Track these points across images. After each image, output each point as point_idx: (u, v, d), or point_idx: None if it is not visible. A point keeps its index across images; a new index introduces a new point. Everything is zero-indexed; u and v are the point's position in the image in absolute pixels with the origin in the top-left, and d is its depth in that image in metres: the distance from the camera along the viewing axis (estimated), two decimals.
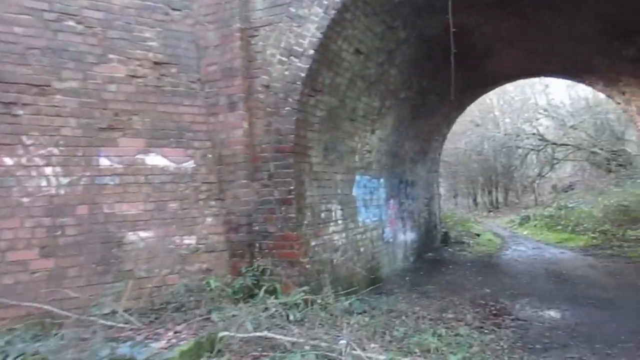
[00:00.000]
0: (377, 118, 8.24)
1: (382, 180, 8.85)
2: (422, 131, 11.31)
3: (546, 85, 23.94)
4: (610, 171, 22.57)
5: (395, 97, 8.64)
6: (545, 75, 12.92)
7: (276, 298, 5.47)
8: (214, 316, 5.09)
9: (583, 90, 23.66)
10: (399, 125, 9.56)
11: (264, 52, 5.77)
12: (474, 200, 29.47)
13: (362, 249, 7.70)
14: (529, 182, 26.15)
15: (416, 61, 8.45)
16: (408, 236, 10.47)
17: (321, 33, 5.51)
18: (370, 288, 7.86)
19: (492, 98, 27.43)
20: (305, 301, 5.41)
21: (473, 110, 28.60)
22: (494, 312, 6.27)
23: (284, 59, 5.68)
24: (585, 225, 13.83)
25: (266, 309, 5.21)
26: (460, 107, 13.13)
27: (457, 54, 9.78)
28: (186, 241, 5.56)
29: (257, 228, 5.75)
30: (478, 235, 15.07)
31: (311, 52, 5.56)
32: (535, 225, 16.55)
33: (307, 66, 5.59)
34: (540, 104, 23.92)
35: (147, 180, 5.41)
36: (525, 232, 16.27)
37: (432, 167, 13.17)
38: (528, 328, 5.64)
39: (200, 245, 5.64)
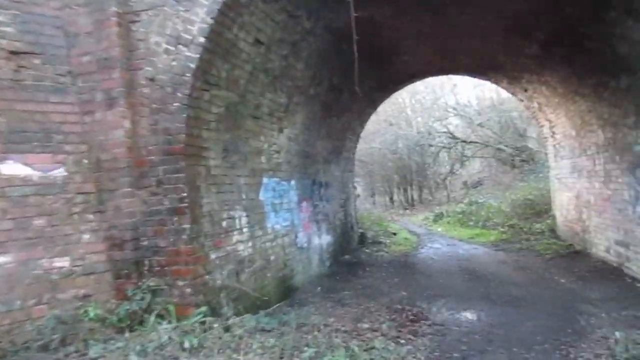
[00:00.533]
0: (285, 116, 7.71)
1: (293, 182, 8.33)
2: (334, 130, 10.95)
3: (454, 85, 24.75)
4: (514, 167, 23.74)
5: (304, 93, 8.15)
6: (455, 73, 13.09)
7: (170, 323, 4.76)
8: (93, 352, 4.30)
9: (489, 90, 24.70)
10: (310, 123, 9.09)
11: (147, 40, 5.02)
12: (391, 198, 29.92)
13: (272, 258, 7.12)
14: (441, 179, 26.92)
15: (325, 55, 8.01)
16: (324, 239, 10.04)
17: (212, 18, 4.86)
18: (284, 299, 7.34)
19: (405, 98, 27.99)
20: (204, 324, 4.75)
21: (387, 109, 29.03)
22: (411, 317, 5.95)
23: (170, 47, 4.97)
24: (495, 220, 14.20)
25: (157, 336, 4.50)
26: (373, 105, 12.96)
27: (367, 49, 9.52)
28: (57, 264, 4.68)
29: (145, 243, 4.99)
30: (395, 234, 15.02)
31: (201, 39, 4.90)
32: (448, 222, 16.87)
33: (198, 56, 4.91)
34: (449, 103, 24.69)
35: (3, 193, 4.48)
36: (439, 229, 16.52)
37: (347, 167, 12.88)
38: (445, 334, 5.35)
39: (75, 268, 4.78)
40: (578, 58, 7.70)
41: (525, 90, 11.48)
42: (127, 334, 4.58)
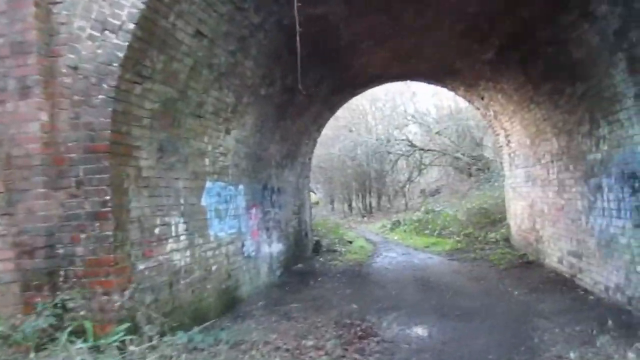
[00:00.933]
0: (233, 116, 7.25)
1: (241, 187, 7.86)
2: (289, 133, 10.55)
3: (413, 93, 24.84)
4: (471, 175, 23.97)
5: (254, 93, 7.71)
6: (413, 79, 12.95)
7: (86, 341, 4.21)
8: None
9: (447, 99, 24.91)
10: (262, 125, 8.66)
11: (69, 23, 4.47)
12: (349, 205, 29.73)
13: (214, 267, 6.63)
14: (399, 187, 26.92)
15: (276, 54, 7.61)
16: (274, 248, 9.59)
17: (143, 3, 4.37)
18: (226, 312, 6.85)
19: (365, 104, 27.92)
20: (125, 342, 4.23)
21: (347, 115, 28.91)
22: (359, 333, 5.58)
23: (96, 33, 4.45)
24: (450, 229, 14.10)
25: (68, 357, 3.96)
26: (331, 109, 12.64)
27: (323, 49, 9.19)
28: None
29: (61, 251, 4.42)
30: (350, 242, 14.72)
31: (131, 26, 4.40)
32: (405, 230, 16.72)
33: (127, 44, 4.41)
34: (408, 111, 24.74)
35: None
36: (396, 237, 16.33)
37: (303, 173, 12.49)
38: (394, 352, 5.00)
39: None
40: (533, 64, 7.59)
41: (482, 98, 11.42)
42: (32, 355, 4.00)
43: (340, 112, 30.37)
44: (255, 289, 8.24)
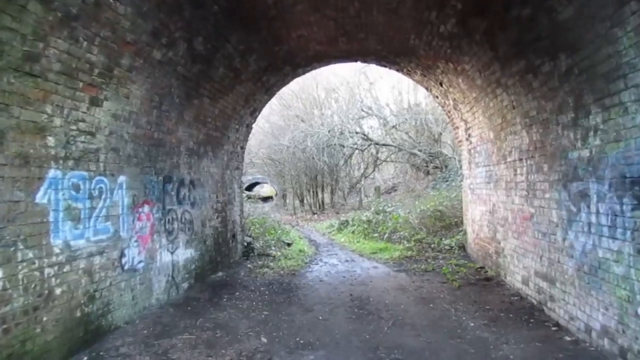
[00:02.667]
0: (106, 83, 5.32)
1: (122, 178, 5.95)
2: (208, 115, 8.66)
3: (371, 83, 23.25)
4: (428, 173, 22.62)
5: (143, 55, 5.80)
6: (364, 60, 11.22)
7: None
8: None
9: (406, 92, 23.50)
10: (161, 101, 6.75)
11: None
12: (301, 201, 27.96)
13: (59, 290, 4.72)
14: (353, 183, 25.29)
15: (174, 4, 5.73)
16: (180, 255, 7.71)
17: None
18: (81, 352, 4.97)
19: (320, 93, 26.21)
20: None
21: (299, 106, 27.11)
22: None
23: None
24: (401, 233, 12.53)
25: None
26: (267, 91, 10.78)
27: (249, 14, 7.37)
28: None
29: None
30: (289, 245, 12.95)
31: None
32: (352, 232, 15.08)
33: None
34: (365, 103, 23.11)
35: None
36: (342, 239, 14.67)
37: (231, 164, 10.61)
38: None
39: None
40: (503, 34, 5.99)
41: (440, 84, 9.83)
42: None
43: (295, 101, 28.53)
44: (142, 312, 6.36)
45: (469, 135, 9.96)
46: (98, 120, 5.36)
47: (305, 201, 27.46)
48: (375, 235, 13.52)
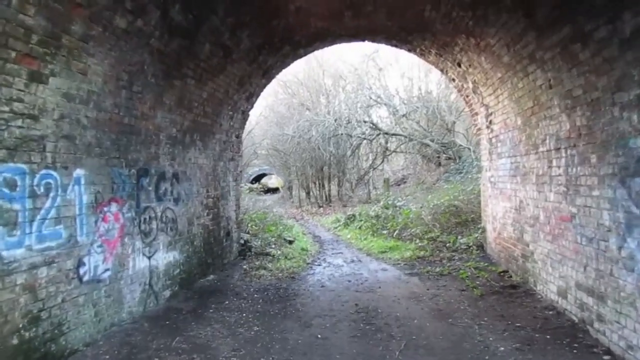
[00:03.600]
0: (51, 53, 4.31)
1: (78, 172, 4.94)
2: (194, 99, 7.64)
3: (380, 70, 22.06)
4: (440, 165, 21.47)
5: (101, 22, 4.78)
6: (372, 39, 10.11)
7: None
8: None
9: (417, 79, 22.32)
10: (132, 80, 5.74)
11: None
12: (307, 193, 26.92)
13: None
14: (361, 175, 24.19)
15: None
16: (160, 259, 6.73)
17: None
18: None
19: (327, 81, 25.10)
20: None
21: (304, 93, 26.00)
22: None
23: None
24: (413, 230, 11.47)
25: None
26: (264, 73, 9.72)
27: None
28: None
29: None
30: (291, 242, 11.95)
31: None
32: (360, 227, 14.03)
33: None
34: (374, 91, 21.93)
35: None
36: (348, 236, 13.64)
37: (224, 154, 9.60)
38: None
39: None
40: None
41: (459, 64, 8.72)
42: None
43: (299, 89, 27.34)
44: (108, 330, 5.39)
45: (490, 122, 8.85)
46: (42, 101, 4.35)
47: (311, 193, 26.41)
48: (384, 232, 12.47)
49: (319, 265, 9.72)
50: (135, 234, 6.05)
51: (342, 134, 20.79)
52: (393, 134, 21.15)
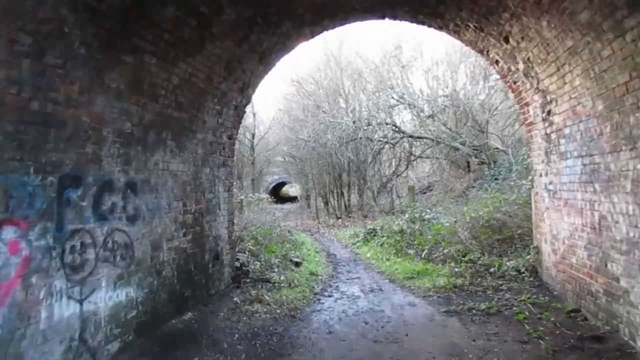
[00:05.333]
0: None
1: None
2: (158, 83, 5.82)
3: (403, 67, 20.02)
4: (469, 170, 19.31)
5: None
6: (392, 15, 8.16)
7: None
8: None
9: (444, 75, 20.28)
10: (42, 46, 3.93)
11: None
12: (325, 203, 24.95)
13: None
14: (383, 183, 22.11)
15: None
16: (101, 301, 4.88)
17: None
18: None
19: (345, 80, 23.22)
20: None
21: (321, 94, 24.18)
22: None
23: None
24: (445, 250, 9.40)
25: None
26: (262, 58, 7.88)
27: None
28: None
29: None
30: (298, 264, 10.02)
31: None
32: (382, 244, 11.99)
33: None
34: (396, 90, 19.93)
35: None
36: (368, 255, 11.62)
37: (211, 159, 7.76)
38: None
39: None
40: None
41: (506, 39, 6.73)
42: None
43: (315, 89, 25.43)
44: None
45: (549, 113, 6.81)
46: None
47: (329, 203, 24.43)
48: (411, 251, 10.41)
49: (330, 296, 7.76)
50: (53, 270, 4.21)
51: (361, 138, 18.79)
52: (418, 137, 19.06)
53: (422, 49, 29.71)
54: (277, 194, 42.47)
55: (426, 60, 29.56)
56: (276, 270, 9.21)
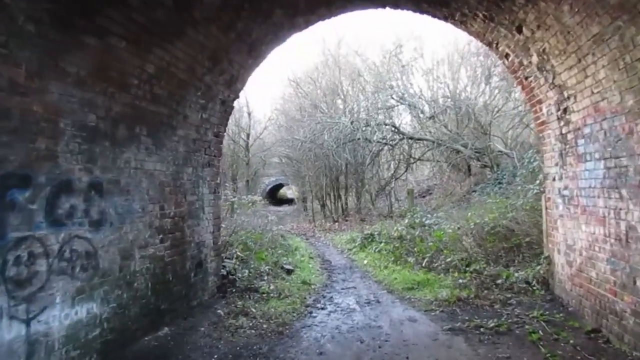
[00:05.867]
0: None
1: None
2: (129, 71, 5.17)
3: (403, 67, 19.39)
4: (470, 174, 18.67)
5: None
6: (394, 4, 7.55)
7: None
8: None
9: (444, 76, 19.66)
10: None
11: None
12: (322, 205, 24.27)
13: None
14: (381, 186, 21.44)
15: None
16: (56, 320, 4.22)
17: None
18: None
19: (343, 81, 22.60)
20: None
21: (318, 94, 23.57)
22: None
23: None
24: (448, 259, 8.75)
25: None
26: (252, 49, 7.25)
27: None
28: None
29: None
30: (290, 272, 9.37)
31: None
32: (380, 251, 11.33)
33: None
34: (396, 90, 19.30)
35: None
36: (365, 262, 10.96)
37: (196, 158, 7.12)
38: None
39: None
40: None
41: (519, 29, 6.10)
42: None
43: (312, 88, 24.77)
44: None
45: (565, 111, 6.18)
46: None
47: (326, 206, 23.76)
48: (411, 259, 9.76)
49: (322, 308, 7.10)
50: None
51: (359, 139, 18.13)
52: (418, 139, 18.42)
53: (422, 50, 29.05)
54: (275, 196, 41.81)
55: (427, 61, 28.87)
56: (266, 278, 8.55)
